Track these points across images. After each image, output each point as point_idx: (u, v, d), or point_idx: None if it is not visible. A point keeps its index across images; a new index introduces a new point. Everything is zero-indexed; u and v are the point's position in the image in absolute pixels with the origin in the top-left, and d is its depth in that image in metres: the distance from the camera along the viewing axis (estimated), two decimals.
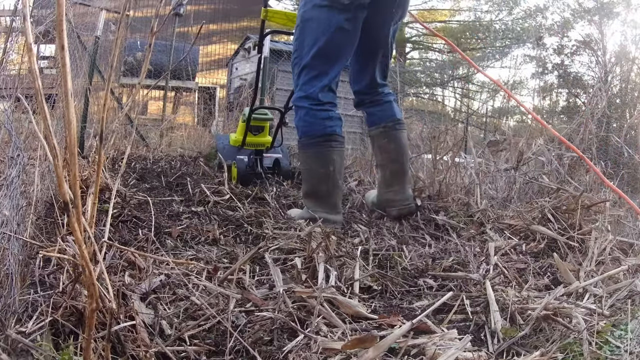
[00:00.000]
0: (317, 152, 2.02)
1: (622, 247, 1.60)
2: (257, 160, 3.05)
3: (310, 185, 2.05)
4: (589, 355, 0.87)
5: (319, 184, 2.01)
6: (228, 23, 15.12)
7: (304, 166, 2.11)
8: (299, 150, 2.11)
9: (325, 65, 2.02)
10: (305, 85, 2.03)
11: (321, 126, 2.00)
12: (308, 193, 2.05)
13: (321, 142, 2.00)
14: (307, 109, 2.01)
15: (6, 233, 0.93)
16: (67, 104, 0.58)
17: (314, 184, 2.03)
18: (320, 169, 2.00)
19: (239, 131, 3.14)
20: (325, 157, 2.00)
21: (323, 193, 1.99)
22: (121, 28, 0.78)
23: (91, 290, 0.65)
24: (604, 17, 10.88)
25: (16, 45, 1.80)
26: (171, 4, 6.59)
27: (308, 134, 2.03)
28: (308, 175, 2.07)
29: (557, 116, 10.63)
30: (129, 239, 1.53)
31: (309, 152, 2.05)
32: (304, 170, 2.12)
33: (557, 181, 2.47)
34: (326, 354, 0.88)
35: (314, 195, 2.02)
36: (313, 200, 2.01)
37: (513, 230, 1.87)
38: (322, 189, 2.00)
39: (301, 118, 2.05)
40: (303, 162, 2.12)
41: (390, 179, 2.15)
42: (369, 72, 2.21)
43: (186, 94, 8.83)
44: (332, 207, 1.99)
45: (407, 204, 2.11)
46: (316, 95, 2.01)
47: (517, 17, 14.80)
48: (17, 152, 1.18)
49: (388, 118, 2.19)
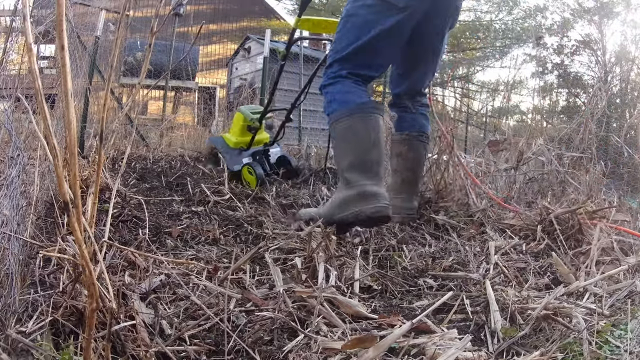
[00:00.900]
0: (362, 117, 1.81)
1: (622, 247, 1.60)
2: (263, 159, 2.96)
3: (355, 156, 1.79)
4: (589, 355, 0.87)
5: (368, 151, 1.78)
6: (228, 23, 15.14)
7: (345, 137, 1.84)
8: (336, 123, 1.86)
9: (363, 64, 1.89)
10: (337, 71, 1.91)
11: (361, 94, 1.86)
12: (353, 164, 1.79)
13: (366, 107, 1.82)
14: (341, 82, 1.87)
15: (6, 233, 0.93)
16: (67, 104, 0.58)
17: (362, 153, 1.79)
18: (370, 135, 1.79)
19: (237, 133, 3.01)
20: (372, 122, 1.81)
21: (373, 161, 1.77)
22: (121, 28, 0.78)
23: (91, 290, 0.65)
24: (604, 17, 10.88)
25: (16, 45, 1.80)
26: (171, 4, 6.60)
27: (347, 103, 1.83)
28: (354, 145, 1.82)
29: (557, 116, 10.63)
30: (129, 239, 1.53)
31: (353, 118, 1.81)
32: (343, 143, 1.86)
33: (557, 181, 2.47)
34: (326, 353, 0.88)
35: (362, 165, 1.77)
36: (359, 171, 1.76)
37: (513, 230, 1.88)
38: (373, 156, 1.77)
39: (334, 92, 1.88)
40: (343, 134, 1.85)
41: (401, 186, 2.14)
42: (410, 79, 2.15)
43: (186, 93, 8.84)
44: (379, 179, 1.78)
45: (411, 214, 2.12)
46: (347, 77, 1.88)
47: (517, 17, 14.81)
48: (17, 152, 1.18)
49: (415, 128, 2.16)
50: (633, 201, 2.60)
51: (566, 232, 1.73)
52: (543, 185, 2.57)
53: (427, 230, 2.00)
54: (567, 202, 1.94)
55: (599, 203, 2.00)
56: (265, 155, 3.00)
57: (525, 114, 10.47)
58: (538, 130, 4.15)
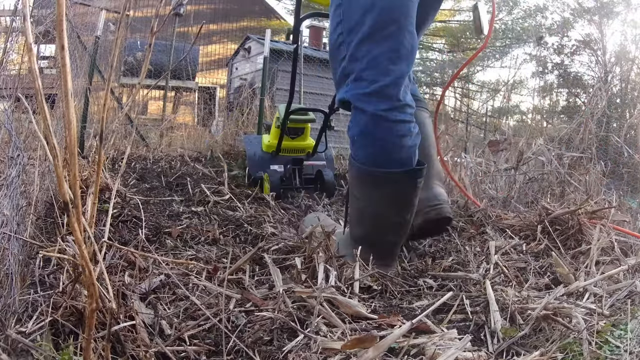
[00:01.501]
0: (393, 192, 1.32)
1: (622, 247, 1.60)
2: (296, 171, 2.53)
3: (369, 234, 1.38)
4: (588, 355, 0.87)
5: (387, 234, 1.36)
6: (228, 23, 15.14)
7: (362, 205, 1.38)
8: (356, 179, 1.39)
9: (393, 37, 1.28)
10: (371, 72, 1.28)
11: (400, 151, 1.30)
12: (364, 239, 1.37)
13: (401, 177, 1.30)
14: (377, 115, 1.28)
15: (6, 233, 0.93)
16: (67, 104, 0.58)
17: (378, 233, 1.37)
18: (393, 217, 1.34)
19: (273, 134, 2.61)
20: (405, 200, 1.32)
21: (387, 245, 1.37)
22: (121, 28, 0.78)
23: (91, 290, 0.65)
24: (604, 16, 10.88)
25: (16, 45, 1.80)
26: (171, 4, 6.60)
27: (377, 161, 1.31)
28: (370, 220, 1.38)
29: (557, 116, 10.63)
30: (129, 239, 1.53)
31: (378, 190, 1.33)
32: (361, 210, 1.40)
33: (557, 181, 2.47)
34: (326, 354, 0.88)
35: (374, 244, 1.36)
36: (370, 248, 1.35)
37: (513, 230, 1.88)
38: (389, 240, 1.37)
39: (364, 131, 1.31)
40: (362, 199, 1.38)
41: None
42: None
43: (186, 93, 8.84)
44: (393, 258, 1.40)
45: (435, 205, 1.44)
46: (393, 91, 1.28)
47: (517, 17, 14.81)
48: (17, 152, 1.18)
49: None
50: (633, 201, 2.60)
51: (566, 233, 1.73)
52: (543, 185, 2.57)
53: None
54: (567, 202, 1.94)
55: (599, 203, 2.00)
56: (299, 166, 2.58)
57: (525, 114, 10.47)
58: (538, 130, 4.15)
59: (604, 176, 2.51)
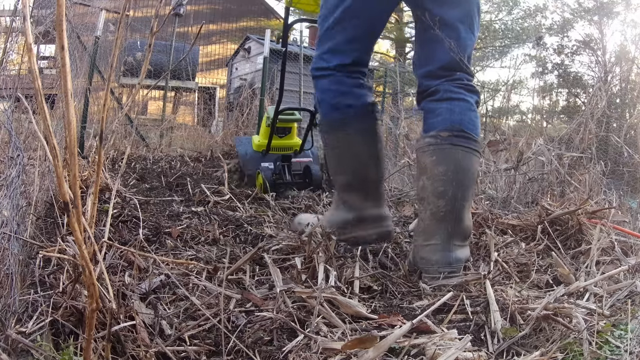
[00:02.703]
0: (359, 128, 1.56)
1: (622, 247, 1.60)
2: (285, 167, 2.70)
3: (354, 175, 1.57)
4: (589, 355, 0.87)
5: (366, 169, 1.56)
6: (228, 23, 15.15)
7: (337, 152, 1.61)
8: (328, 132, 1.63)
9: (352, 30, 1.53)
10: (328, 54, 1.57)
11: (356, 95, 1.56)
12: (350, 185, 1.57)
13: (362, 114, 1.56)
14: (332, 76, 1.56)
15: (6, 233, 0.93)
16: (67, 104, 0.58)
17: (361, 172, 1.56)
18: (370, 149, 1.56)
19: (263, 134, 2.80)
20: (370, 134, 1.56)
21: (371, 180, 1.56)
22: (121, 28, 0.78)
23: (91, 290, 0.65)
24: (604, 17, 10.88)
25: (16, 45, 1.80)
26: (171, 4, 6.60)
27: (339, 107, 1.55)
28: (350, 161, 1.58)
29: (557, 116, 10.63)
30: (129, 239, 1.53)
31: (347, 131, 1.56)
32: (336, 158, 1.62)
33: (557, 181, 2.47)
34: (326, 354, 0.88)
35: (361, 186, 1.55)
36: (357, 193, 1.55)
37: (513, 230, 1.87)
38: (371, 175, 1.56)
39: (325, 89, 1.58)
40: (335, 146, 1.61)
41: (429, 226, 1.39)
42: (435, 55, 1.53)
43: (186, 94, 8.84)
44: (380, 199, 1.58)
45: (447, 275, 1.32)
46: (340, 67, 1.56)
47: (517, 17, 14.81)
48: (17, 152, 1.18)
49: (447, 124, 1.42)
50: (633, 201, 2.60)
51: (566, 233, 1.73)
52: (543, 185, 2.56)
53: None
54: (567, 202, 1.94)
55: (599, 203, 2.00)
56: (288, 162, 2.74)
57: (525, 114, 10.46)
58: (538, 130, 4.15)
59: (604, 176, 2.51)
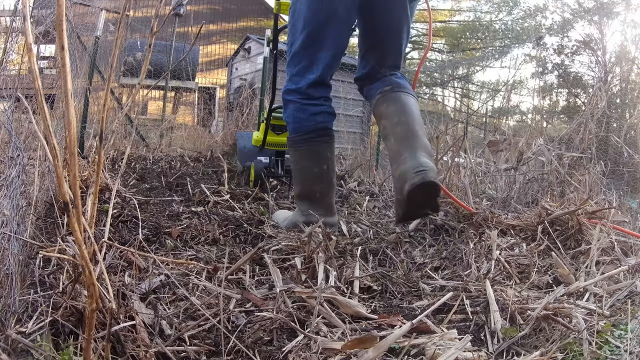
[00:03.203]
0: (309, 149, 1.89)
1: (622, 247, 1.60)
2: (278, 162, 2.89)
3: (302, 186, 1.92)
4: (589, 355, 0.87)
5: (313, 184, 1.88)
6: (228, 23, 15.15)
7: (295, 166, 1.96)
8: (289, 148, 1.98)
9: (316, 54, 1.84)
10: (296, 77, 1.89)
11: (312, 122, 1.87)
12: (302, 194, 1.92)
13: (313, 138, 1.87)
14: (298, 103, 1.88)
15: (6, 233, 0.93)
16: (67, 104, 0.58)
17: (307, 185, 1.90)
18: (313, 168, 1.88)
19: (261, 130, 2.95)
20: (318, 155, 1.88)
21: (318, 194, 1.88)
22: (121, 28, 0.78)
23: (91, 290, 0.65)
24: (604, 17, 10.89)
25: (16, 45, 1.80)
26: (171, 4, 6.60)
27: (298, 131, 1.89)
28: (300, 175, 1.93)
29: (557, 116, 10.64)
30: (129, 239, 1.53)
31: (300, 149, 1.91)
32: (295, 170, 1.97)
33: (557, 181, 2.47)
34: (326, 354, 0.88)
35: (308, 196, 1.89)
36: (307, 201, 1.89)
37: (514, 230, 1.87)
38: (316, 189, 1.88)
39: (291, 114, 1.91)
40: (294, 161, 1.96)
41: (396, 149, 1.69)
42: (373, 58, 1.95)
43: (186, 94, 8.84)
44: (327, 208, 1.89)
45: (420, 171, 1.53)
46: (305, 90, 1.86)
47: (517, 17, 14.82)
48: (17, 152, 1.18)
49: (386, 84, 1.89)
50: (633, 201, 2.60)
51: (566, 233, 1.73)
52: (543, 186, 2.57)
53: (427, 230, 2.00)
54: (567, 203, 1.94)
55: (599, 203, 2.00)
56: (282, 158, 2.92)
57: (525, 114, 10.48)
58: (538, 130, 4.15)
59: (604, 176, 2.51)
